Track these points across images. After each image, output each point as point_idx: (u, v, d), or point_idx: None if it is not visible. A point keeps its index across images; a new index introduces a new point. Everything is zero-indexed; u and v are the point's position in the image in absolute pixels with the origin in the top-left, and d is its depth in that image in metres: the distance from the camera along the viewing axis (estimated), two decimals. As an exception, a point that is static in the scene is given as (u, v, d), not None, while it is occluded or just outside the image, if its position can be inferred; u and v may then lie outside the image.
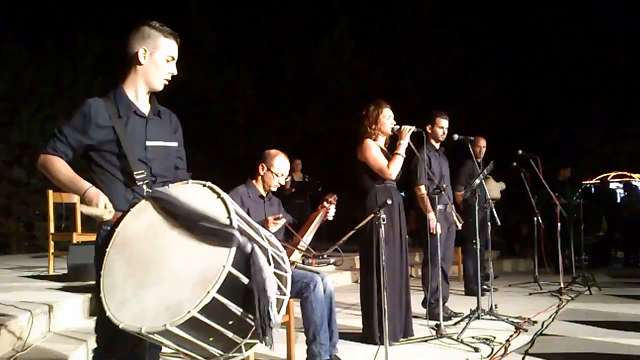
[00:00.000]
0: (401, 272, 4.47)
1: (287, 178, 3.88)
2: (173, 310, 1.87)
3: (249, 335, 1.99)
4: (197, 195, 2.11)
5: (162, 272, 1.99)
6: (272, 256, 2.08)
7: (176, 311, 1.86)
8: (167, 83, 2.39)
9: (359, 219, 3.99)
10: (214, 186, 2.13)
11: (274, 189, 3.86)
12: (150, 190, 2.22)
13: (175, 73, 2.38)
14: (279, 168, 3.79)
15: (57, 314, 3.93)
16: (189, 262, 1.96)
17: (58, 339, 3.71)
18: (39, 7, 11.80)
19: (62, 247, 5.90)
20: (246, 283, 1.94)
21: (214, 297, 1.85)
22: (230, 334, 1.97)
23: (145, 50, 2.31)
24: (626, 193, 12.27)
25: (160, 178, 2.35)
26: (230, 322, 1.96)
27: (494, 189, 7.45)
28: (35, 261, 7.40)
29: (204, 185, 2.15)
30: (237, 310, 1.94)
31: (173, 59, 2.36)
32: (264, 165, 3.79)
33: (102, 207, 2.14)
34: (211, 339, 1.98)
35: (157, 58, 2.32)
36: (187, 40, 2.44)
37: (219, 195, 2.08)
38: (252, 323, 1.95)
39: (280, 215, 3.51)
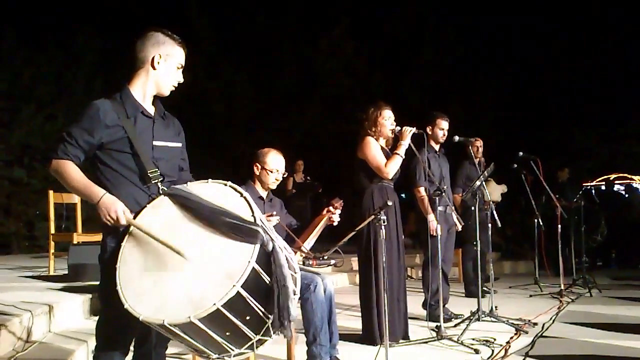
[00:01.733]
0: (398, 273, 4.46)
1: (285, 174, 3.84)
2: (197, 302, 1.91)
3: (262, 332, 2.03)
4: (218, 193, 2.16)
5: (182, 265, 2.02)
6: (286, 257, 2.13)
7: (200, 304, 1.90)
8: (173, 89, 2.44)
9: (355, 218, 3.98)
10: (236, 185, 2.19)
11: (274, 186, 3.81)
12: (166, 188, 2.24)
13: (182, 81, 2.44)
14: (273, 164, 3.74)
15: (58, 314, 3.93)
16: (212, 257, 2.00)
17: (58, 339, 3.72)
18: (39, 6, 11.81)
19: (62, 247, 5.91)
20: (265, 279, 1.99)
21: (237, 292, 1.89)
22: (246, 329, 2.01)
23: (160, 56, 2.36)
24: (627, 195, 12.28)
25: (168, 177, 2.37)
26: (248, 318, 2.00)
27: (495, 191, 7.45)
28: (36, 261, 7.39)
29: (226, 185, 2.20)
30: (255, 305, 1.98)
31: (182, 66, 2.42)
32: (257, 164, 3.76)
33: (122, 215, 2.15)
34: (227, 333, 2.01)
35: (170, 65, 2.38)
36: (187, 40, 2.47)
37: (241, 194, 2.14)
38: (266, 320, 2.01)
39: (274, 213, 3.48)
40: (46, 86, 11.06)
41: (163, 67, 2.37)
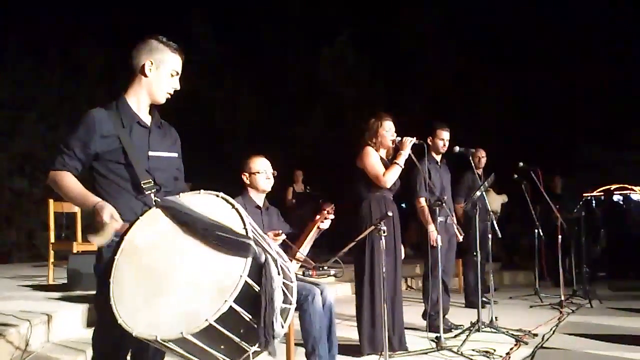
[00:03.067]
0: (394, 284, 4.44)
1: (274, 173, 3.86)
2: (190, 318, 1.89)
3: (257, 344, 2.01)
4: (210, 205, 2.13)
5: (175, 280, 2.00)
6: (281, 266, 2.11)
7: (193, 319, 1.88)
8: (169, 97, 2.42)
9: (353, 229, 3.97)
10: (227, 197, 2.16)
11: (268, 187, 3.83)
12: (159, 200, 2.23)
13: (178, 88, 2.42)
14: (258, 166, 3.80)
15: (56, 324, 3.93)
16: (204, 271, 1.98)
17: (57, 349, 3.71)
18: (42, 16, 11.87)
19: (62, 256, 5.90)
20: (258, 291, 1.97)
21: (230, 306, 1.87)
22: (241, 342, 1.99)
23: (152, 63, 2.34)
24: (625, 206, 12.30)
25: (164, 188, 2.36)
26: (242, 330, 1.98)
27: (495, 201, 7.43)
28: (35, 270, 7.38)
29: (217, 196, 2.17)
30: (249, 319, 1.96)
31: (177, 73, 2.40)
32: (244, 173, 3.81)
33: (108, 217, 2.12)
34: (222, 347, 2.00)
35: (163, 72, 2.36)
36: (190, 50, 2.47)
37: (233, 206, 2.11)
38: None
39: (280, 231, 3.50)
40: (49, 96, 11.10)
41: (155, 74, 2.35)
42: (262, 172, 3.78)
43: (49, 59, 11.30)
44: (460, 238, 5.63)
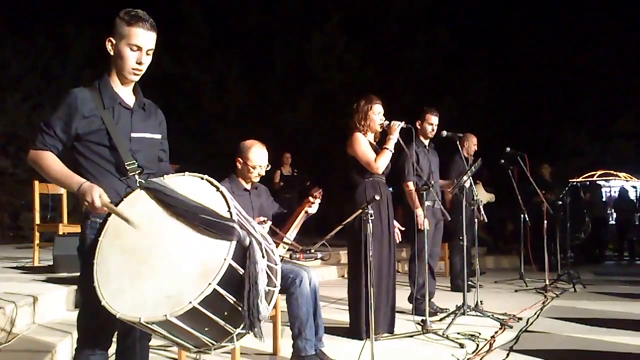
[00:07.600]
0: (388, 268, 4.47)
1: (268, 166, 3.74)
2: (173, 300, 1.88)
3: (241, 326, 2.01)
4: (194, 187, 2.12)
5: (159, 262, 1.99)
6: (265, 249, 2.10)
7: (177, 302, 1.87)
8: (137, 73, 2.30)
9: (347, 214, 3.99)
10: (212, 179, 2.14)
11: (257, 180, 3.74)
12: (143, 181, 2.20)
13: (145, 62, 2.30)
14: (255, 160, 3.65)
15: (42, 306, 3.90)
16: (188, 254, 1.98)
17: (42, 331, 3.69)
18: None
19: (47, 238, 5.85)
20: (242, 274, 1.97)
21: (214, 289, 1.87)
22: (225, 324, 1.99)
23: (111, 41, 2.29)
24: (587, 194, 12.44)
25: (146, 169, 2.34)
26: (226, 313, 1.98)
27: (482, 195, 7.45)
28: (20, 252, 7.33)
29: (202, 178, 2.15)
30: (233, 301, 1.96)
31: (139, 48, 2.27)
32: (240, 159, 3.68)
33: (97, 198, 2.10)
34: (206, 329, 2.00)
35: (121, 47, 2.26)
36: (179, 34, 2.42)
37: (217, 189, 2.10)
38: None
39: (265, 219, 3.48)
40: (34, 76, 10.95)
41: (115, 51, 2.27)
42: (257, 167, 3.66)
43: (35, 39, 11.13)
44: (449, 218, 5.66)
